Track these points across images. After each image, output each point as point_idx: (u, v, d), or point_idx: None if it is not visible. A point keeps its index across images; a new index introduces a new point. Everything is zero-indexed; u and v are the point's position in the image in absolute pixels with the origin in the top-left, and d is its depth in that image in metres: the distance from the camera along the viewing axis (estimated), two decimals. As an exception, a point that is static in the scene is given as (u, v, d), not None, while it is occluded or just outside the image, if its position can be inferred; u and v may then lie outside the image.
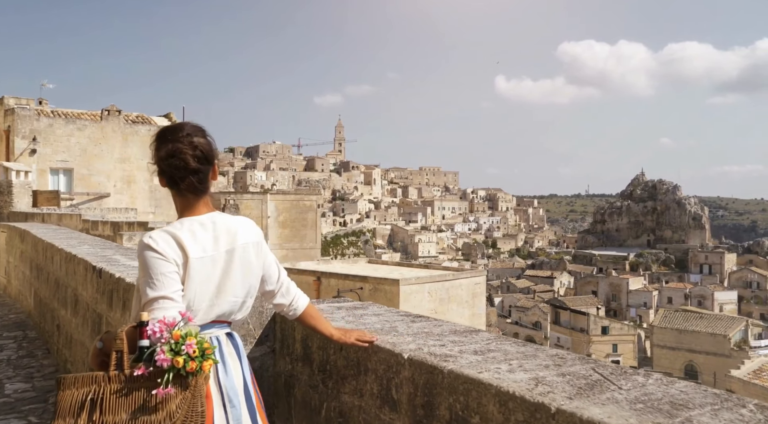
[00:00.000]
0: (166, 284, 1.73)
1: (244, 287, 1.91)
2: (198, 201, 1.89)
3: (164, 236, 1.80)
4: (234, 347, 1.89)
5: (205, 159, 1.87)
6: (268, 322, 2.80)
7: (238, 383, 1.84)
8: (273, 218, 43.74)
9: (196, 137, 1.87)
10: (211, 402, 1.74)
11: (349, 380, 2.26)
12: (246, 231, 1.94)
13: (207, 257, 1.82)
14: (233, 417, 1.78)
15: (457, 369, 1.79)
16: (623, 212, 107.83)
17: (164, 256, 1.76)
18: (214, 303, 1.84)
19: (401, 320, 2.57)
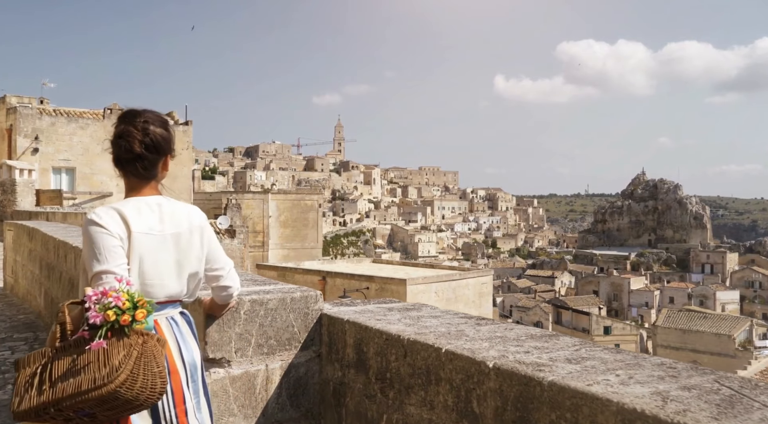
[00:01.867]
0: (110, 258, 1.76)
1: (190, 269, 1.96)
2: (144, 185, 1.94)
3: (109, 211, 1.85)
4: (188, 324, 1.96)
5: (154, 148, 1.91)
6: (313, 325, 2.58)
7: (196, 359, 1.92)
8: (274, 217, 43.51)
9: (153, 126, 1.92)
10: (178, 377, 1.82)
11: (416, 390, 2.04)
12: (191, 216, 2.00)
13: (153, 235, 1.87)
14: (193, 390, 1.88)
15: (559, 381, 1.56)
16: (624, 211, 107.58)
17: (108, 230, 1.79)
18: (164, 282, 1.89)
19: (464, 322, 2.34)
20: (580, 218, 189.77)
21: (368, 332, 2.29)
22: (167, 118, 2.04)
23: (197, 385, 1.90)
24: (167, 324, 1.89)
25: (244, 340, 2.42)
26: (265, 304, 2.47)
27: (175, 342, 1.86)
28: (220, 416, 2.36)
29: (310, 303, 2.57)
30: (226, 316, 2.37)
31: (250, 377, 2.43)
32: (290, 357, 2.53)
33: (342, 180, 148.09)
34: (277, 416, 2.49)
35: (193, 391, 1.88)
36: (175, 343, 1.86)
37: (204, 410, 1.93)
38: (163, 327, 1.87)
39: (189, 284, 1.98)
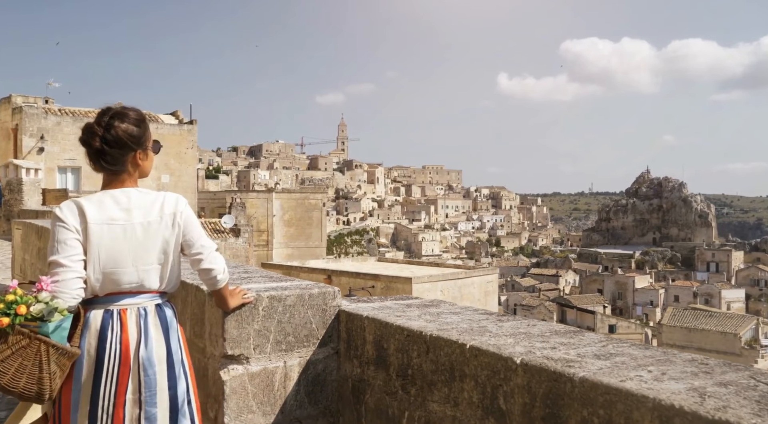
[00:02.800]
0: (61, 250, 1.89)
1: (164, 255, 2.00)
2: (115, 178, 2.03)
3: (69, 205, 1.97)
4: (161, 320, 1.99)
5: (115, 143, 1.97)
6: (331, 321, 2.56)
7: (157, 353, 1.94)
8: (278, 216, 43.53)
9: (117, 122, 1.99)
10: (127, 370, 1.88)
11: (439, 386, 2.01)
12: (164, 204, 2.03)
13: (115, 226, 1.94)
14: (145, 384, 1.90)
15: (591, 377, 1.54)
16: (628, 209, 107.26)
17: (66, 224, 1.92)
18: (126, 271, 1.94)
19: (485, 318, 2.32)
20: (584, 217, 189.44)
21: (389, 329, 2.26)
22: (141, 116, 2.09)
23: (151, 379, 1.92)
24: (134, 316, 1.94)
25: (263, 336, 2.40)
26: (284, 300, 2.45)
27: (136, 334, 1.92)
28: (239, 413, 2.34)
29: (328, 299, 2.55)
30: (244, 312, 2.35)
31: (269, 373, 2.41)
32: (308, 354, 2.50)
33: (345, 179, 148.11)
34: (295, 413, 2.47)
35: (145, 386, 1.91)
36: (136, 335, 1.92)
37: (162, 406, 1.94)
38: (129, 318, 1.93)
39: (162, 273, 2.01)
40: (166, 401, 1.95)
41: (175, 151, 28.77)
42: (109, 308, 1.94)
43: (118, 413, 1.88)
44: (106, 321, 1.92)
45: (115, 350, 1.89)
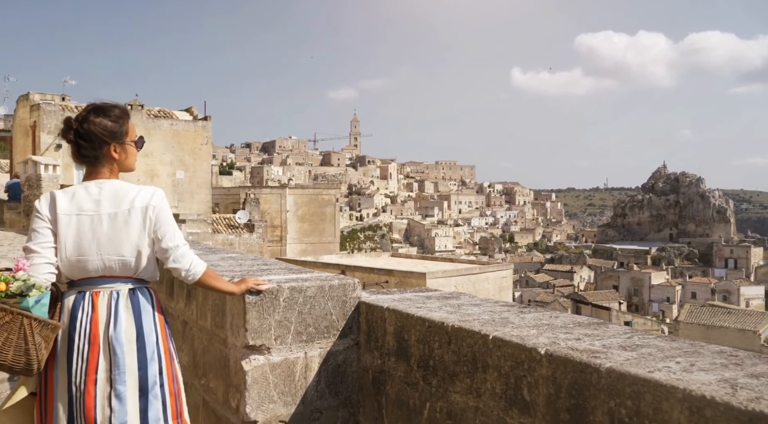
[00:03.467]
0: (34, 237, 2.05)
1: (131, 246, 2.06)
2: (93, 170, 2.13)
3: (46, 196, 2.11)
4: (133, 304, 2.07)
5: (87, 136, 2.08)
6: (351, 313, 2.56)
7: (126, 334, 2.02)
8: (292, 212, 43.66)
9: (95, 116, 2.10)
10: (96, 349, 1.99)
11: (461, 377, 2.01)
12: (137, 197, 2.09)
13: (84, 216, 2.05)
14: (114, 363, 1.99)
15: (618, 367, 1.52)
16: (645, 205, 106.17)
17: (40, 213, 2.07)
18: (92, 259, 2.04)
19: (507, 310, 2.30)
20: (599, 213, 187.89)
21: (410, 320, 2.26)
22: (122, 112, 2.18)
23: (120, 358, 2.00)
24: (106, 298, 2.04)
25: (284, 327, 2.40)
26: (304, 291, 2.45)
27: (105, 315, 2.02)
28: (260, 403, 2.35)
29: (348, 291, 2.55)
30: (265, 303, 2.36)
31: (290, 364, 2.42)
32: (329, 345, 2.51)
33: (358, 175, 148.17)
34: (316, 404, 2.48)
35: (114, 365, 2.00)
36: (105, 316, 2.02)
37: (131, 385, 2.01)
38: (101, 300, 2.04)
39: (136, 262, 2.08)
40: (135, 381, 2.02)
41: (189, 147, 28.95)
42: (83, 290, 2.06)
43: (89, 390, 1.98)
44: (78, 302, 2.04)
45: (84, 329, 2.01)
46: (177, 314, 3.13)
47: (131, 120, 2.23)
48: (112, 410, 1.98)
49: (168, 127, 28.18)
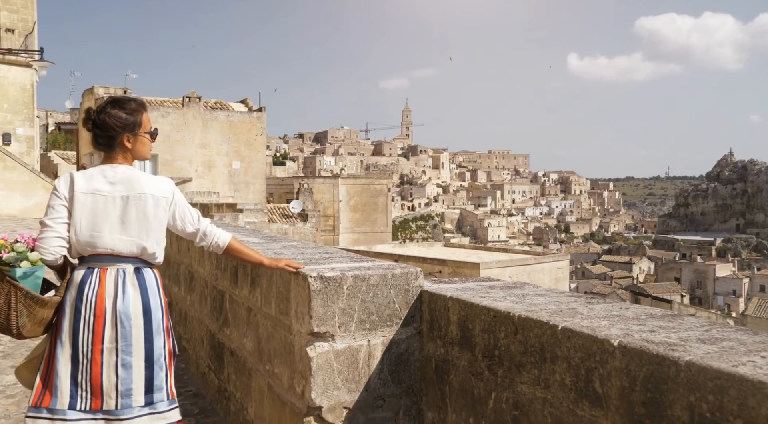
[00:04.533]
0: (49, 213, 2.21)
1: (138, 229, 2.22)
2: (109, 156, 2.29)
3: (65, 176, 2.26)
4: (138, 281, 2.23)
5: (103, 126, 2.26)
6: (414, 302, 2.56)
7: (133, 309, 2.19)
8: (344, 201, 44.05)
9: (112, 108, 2.27)
10: (102, 321, 2.15)
11: (528, 368, 1.98)
12: (148, 185, 2.26)
13: (99, 196, 2.20)
14: (121, 335, 2.16)
15: (698, 361, 1.46)
16: (709, 194, 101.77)
17: (58, 192, 2.22)
18: (102, 235, 2.20)
19: (574, 300, 2.25)
20: (660, 202, 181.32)
21: (474, 309, 2.24)
22: (138, 105, 2.35)
23: (127, 330, 2.17)
24: (113, 275, 2.20)
25: (347, 315, 2.43)
26: (367, 280, 2.47)
27: (113, 290, 2.18)
28: (325, 389, 2.39)
29: (410, 280, 2.55)
30: (329, 291, 2.39)
31: (353, 351, 2.44)
32: (391, 333, 2.52)
33: (410, 164, 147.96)
34: (379, 391, 2.50)
35: (121, 336, 2.17)
36: (112, 291, 2.18)
37: (138, 356, 2.20)
38: (108, 276, 2.20)
39: (145, 243, 2.23)
40: (141, 352, 2.20)
41: (245, 138, 29.58)
42: (92, 266, 2.22)
43: (96, 358, 2.15)
44: (86, 277, 2.20)
45: (90, 302, 2.17)
46: (241, 300, 3.21)
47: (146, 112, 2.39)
48: (119, 377, 2.16)
49: (224, 119, 28.87)
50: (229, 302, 3.45)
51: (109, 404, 2.16)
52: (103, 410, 2.16)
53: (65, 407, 2.13)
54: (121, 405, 2.17)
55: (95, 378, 2.15)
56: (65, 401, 2.14)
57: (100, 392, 2.15)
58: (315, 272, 2.40)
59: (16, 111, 22.29)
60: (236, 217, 13.97)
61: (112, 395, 2.16)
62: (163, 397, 2.26)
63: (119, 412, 2.16)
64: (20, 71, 21.80)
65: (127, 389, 2.17)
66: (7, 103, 21.77)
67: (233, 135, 28.89)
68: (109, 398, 2.16)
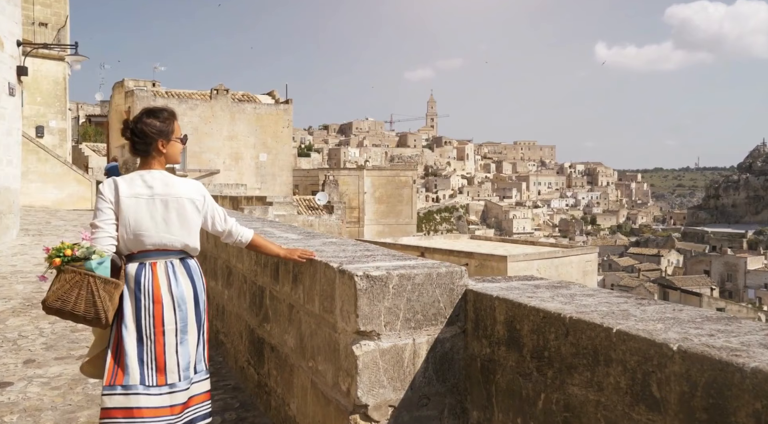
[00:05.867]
0: (98, 215, 2.48)
1: (180, 228, 2.52)
2: (146, 161, 2.58)
3: (109, 182, 2.53)
4: (186, 269, 2.56)
5: (139, 134, 2.54)
6: (458, 301, 2.55)
7: (187, 294, 2.53)
8: (369, 193, 44.07)
9: (146, 117, 2.57)
10: (160, 306, 2.46)
11: (580, 370, 1.96)
12: (183, 188, 2.56)
13: (141, 199, 2.48)
14: (180, 317, 2.50)
15: (765, 368, 1.43)
16: (741, 185, 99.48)
17: (104, 196, 2.49)
18: (149, 233, 2.48)
19: (624, 302, 2.22)
20: (689, 194, 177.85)
21: (522, 310, 2.22)
22: (170, 115, 2.63)
23: (184, 313, 2.51)
24: (163, 266, 2.50)
25: (393, 314, 2.43)
26: (412, 279, 2.47)
27: (166, 280, 2.49)
28: (371, 387, 2.40)
29: (455, 279, 2.55)
30: (375, 290, 2.40)
31: (398, 350, 2.45)
32: (436, 332, 2.52)
33: (435, 156, 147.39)
34: (424, 390, 2.50)
35: (179, 318, 2.50)
36: (165, 280, 2.48)
37: (192, 333, 2.54)
38: (159, 268, 2.49)
39: (183, 238, 2.53)
40: (194, 330, 2.56)
41: (272, 130, 29.77)
42: (143, 261, 2.49)
43: (159, 339, 2.46)
44: (140, 271, 2.48)
45: (148, 291, 2.46)
46: (282, 297, 3.24)
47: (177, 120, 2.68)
48: (179, 354, 2.50)
49: (251, 111, 29.07)
50: (269, 298, 3.49)
51: (171, 378, 2.48)
52: (167, 383, 2.46)
53: (137, 383, 2.42)
54: (182, 377, 2.50)
55: (159, 357, 2.46)
56: (136, 378, 2.42)
57: (164, 369, 2.47)
58: (361, 271, 2.41)
59: (49, 104, 22.77)
60: (266, 210, 14.09)
61: (174, 371, 2.48)
62: (203, 367, 2.64)
63: (180, 384, 2.49)
64: (53, 65, 22.23)
65: (186, 364, 2.52)
66: (40, 97, 22.24)
67: (260, 127, 29.09)
68: (172, 373, 2.48)
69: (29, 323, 5.47)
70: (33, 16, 21.11)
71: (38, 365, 4.28)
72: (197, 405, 2.59)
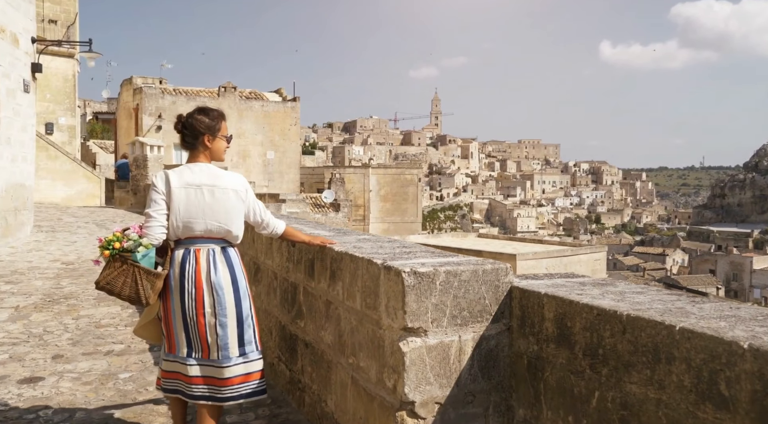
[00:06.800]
0: (151, 205, 2.72)
1: (225, 216, 2.73)
2: (194, 155, 2.81)
3: (161, 174, 2.77)
4: (225, 258, 2.75)
5: (188, 128, 2.79)
6: (504, 297, 2.54)
7: (224, 281, 2.72)
8: (375, 191, 44.08)
9: (195, 114, 2.82)
10: (201, 291, 2.69)
11: (639, 368, 1.95)
12: (227, 179, 2.77)
13: (190, 189, 2.69)
14: (218, 301, 2.70)
15: None
16: (747, 184, 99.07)
17: (156, 187, 2.72)
18: (197, 221, 2.70)
19: (677, 299, 2.21)
20: (694, 193, 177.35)
21: (573, 307, 2.21)
22: (218, 114, 2.86)
23: (221, 297, 2.71)
24: (206, 253, 2.72)
25: (440, 310, 2.42)
26: (459, 275, 2.46)
27: (206, 267, 2.70)
28: (418, 384, 2.39)
29: (500, 276, 2.54)
30: (422, 286, 2.39)
31: (445, 347, 2.44)
32: (481, 329, 2.51)
33: (439, 154, 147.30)
34: (469, 387, 2.49)
35: (217, 302, 2.70)
36: (206, 267, 2.70)
37: (231, 317, 2.73)
38: (202, 255, 2.71)
39: (230, 227, 2.74)
40: (233, 313, 2.74)
41: (279, 128, 29.78)
42: (188, 247, 2.72)
43: (200, 321, 2.69)
44: (185, 256, 2.71)
45: (191, 277, 2.69)
46: (318, 293, 3.23)
47: (225, 121, 2.90)
48: (218, 335, 2.71)
49: (259, 109, 29.08)
50: (303, 294, 3.48)
51: (213, 356, 2.73)
52: (210, 359, 2.73)
53: (185, 355, 2.75)
54: (221, 356, 2.73)
55: (202, 336, 2.72)
56: (185, 351, 2.75)
57: (207, 346, 2.73)
58: (408, 267, 2.40)
59: (58, 101, 22.82)
60: (279, 207, 14.10)
61: (214, 349, 2.73)
62: (253, 348, 2.82)
63: (221, 361, 2.73)
64: (62, 62, 22.27)
65: (225, 344, 2.73)
66: (49, 93, 22.28)
67: (268, 125, 29.10)
68: (213, 351, 2.73)
69: (53, 319, 5.48)
70: (43, 13, 21.13)
71: (67, 361, 4.28)
72: (249, 382, 2.79)
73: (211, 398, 2.74)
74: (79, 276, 7.71)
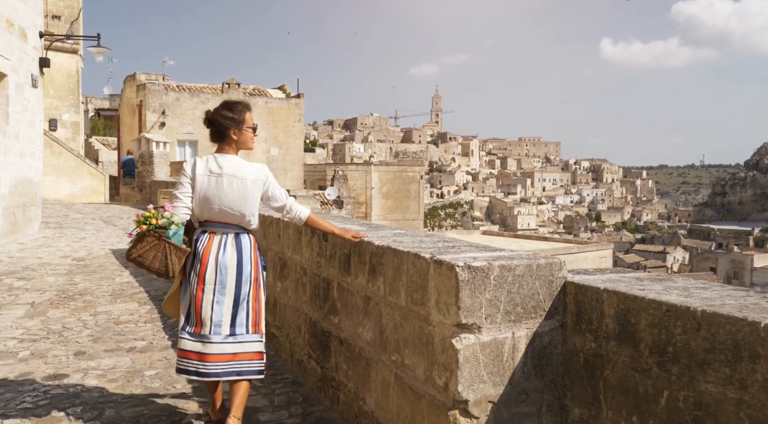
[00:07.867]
0: (179, 188, 2.96)
1: (239, 202, 2.92)
2: (220, 147, 2.99)
3: (190, 161, 3.00)
4: (237, 242, 2.94)
5: (215, 122, 2.97)
6: (557, 293, 2.46)
7: (230, 261, 2.91)
8: (377, 188, 43.97)
9: (221, 109, 2.98)
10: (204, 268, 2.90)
11: (716, 366, 1.86)
12: (248, 170, 2.95)
13: (212, 176, 2.91)
14: (219, 280, 2.89)
15: None
16: (747, 183, 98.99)
17: (185, 172, 2.97)
18: (216, 206, 2.91)
19: (746, 295, 2.12)
20: (694, 191, 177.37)
21: (637, 302, 2.13)
22: (244, 107, 3.01)
23: (224, 277, 2.90)
24: (219, 237, 2.93)
25: (494, 306, 2.34)
26: (513, 270, 2.38)
27: (216, 249, 2.91)
28: (471, 382, 2.31)
29: (554, 271, 2.45)
30: (476, 281, 2.31)
31: (498, 344, 2.36)
32: (535, 326, 2.43)
33: (439, 152, 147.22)
34: (522, 385, 2.41)
35: (218, 281, 2.90)
36: (216, 249, 2.91)
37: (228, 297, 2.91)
38: (215, 238, 2.93)
39: (245, 213, 2.93)
40: (232, 294, 2.91)
41: (283, 124, 29.68)
42: (205, 229, 2.96)
43: (198, 295, 2.90)
44: (200, 237, 2.95)
45: (199, 254, 2.91)
46: (356, 289, 3.15)
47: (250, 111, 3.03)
48: (213, 311, 2.89)
49: (263, 105, 28.96)
50: (337, 290, 3.40)
51: (204, 330, 2.90)
52: (201, 334, 2.90)
53: (180, 328, 2.96)
54: (212, 332, 2.90)
55: (197, 310, 2.91)
56: (183, 324, 2.95)
57: (200, 321, 2.90)
58: (461, 262, 2.32)
59: (62, 97, 22.71)
60: (288, 203, 14.07)
61: (207, 324, 2.89)
62: (243, 330, 2.95)
63: (211, 336, 2.89)
64: (66, 57, 22.15)
65: (218, 320, 2.90)
66: (53, 89, 22.17)
67: (271, 121, 28.99)
68: (205, 326, 2.90)
69: (70, 315, 5.40)
70: (47, 8, 21.01)
71: (90, 358, 4.20)
72: (244, 361, 2.93)
73: (196, 373, 2.90)
74: (92, 272, 7.62)
